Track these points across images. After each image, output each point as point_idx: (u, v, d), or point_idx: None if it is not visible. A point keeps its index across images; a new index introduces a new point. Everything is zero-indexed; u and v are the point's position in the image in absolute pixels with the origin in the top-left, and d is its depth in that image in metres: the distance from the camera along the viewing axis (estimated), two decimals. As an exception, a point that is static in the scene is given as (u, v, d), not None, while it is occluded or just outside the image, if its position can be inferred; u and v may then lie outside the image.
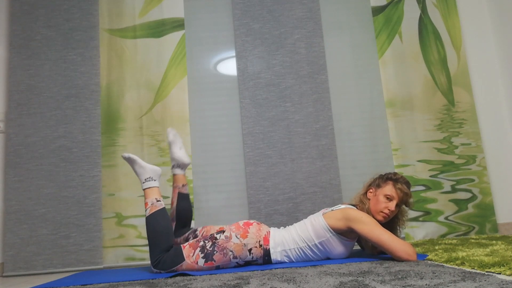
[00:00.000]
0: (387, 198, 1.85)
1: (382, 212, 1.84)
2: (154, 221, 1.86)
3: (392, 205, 1.84)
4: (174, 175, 2.20)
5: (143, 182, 1.96)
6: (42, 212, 2.48)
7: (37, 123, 2.59)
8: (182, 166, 2.18)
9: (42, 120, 2.59)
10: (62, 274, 2.29)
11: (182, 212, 2.14)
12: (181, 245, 1.83)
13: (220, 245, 1.80)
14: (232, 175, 2.69)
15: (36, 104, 2.61)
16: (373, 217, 1.84)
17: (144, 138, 2.63)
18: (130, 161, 1.99)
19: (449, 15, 2.91)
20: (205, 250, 1.79)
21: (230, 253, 1.79)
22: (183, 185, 2.16)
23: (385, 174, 1.95)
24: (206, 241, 1.83)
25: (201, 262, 1.78)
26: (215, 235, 1.85)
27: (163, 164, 2.58)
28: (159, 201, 1.92)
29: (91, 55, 2.69)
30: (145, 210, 1.91)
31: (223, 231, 1.86)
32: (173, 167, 2.19)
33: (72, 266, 2.43)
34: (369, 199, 1.92)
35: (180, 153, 2.17)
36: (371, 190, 1.93)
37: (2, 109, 2.63)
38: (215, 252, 1.79)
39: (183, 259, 1.78)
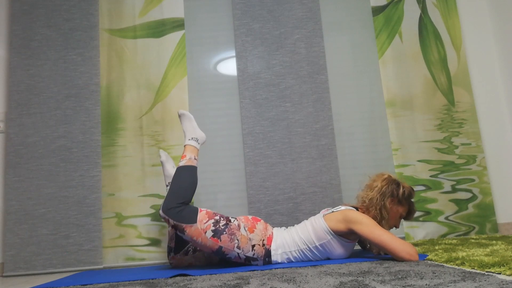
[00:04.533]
0: (401, 216, 1.93)
1: (394, 226, 1.93)
2: (186, 173, 1.94)
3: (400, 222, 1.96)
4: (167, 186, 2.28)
5: (189, 139, 2.05)
6: (42, 212, 2.48)
7: (37, 123, 2.58)
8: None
9: (42, 120, 2.59)
10: (62, 274, 2.29)
11: None
12: (199, 208, 1.87)
13: (231, 229, 1.83)
14: (232, 175, 2.69)
15: (36, 104, 2.60)
16: (383, 226, 1.82)
17: (144, 138, 2.63)
18: (185, 117, 2.10)
19: (449, 15, 2.91)
20: (217, 225, 1.82)
21: (236, 241, 1.81)
22: None
23: (405, 190, 1.88)
24: (222, 218, 1.86)
25: (209, 234, 1.80)
26: (230, 218, 1.88)
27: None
28: (196, 159, 2.01)
29: (91, 55, 2.69)
30: (181, 161, 1.99)
31: (236, 218, 1.90)
32: (167, 185, 2.27)
33: (72, 266, 2.43)
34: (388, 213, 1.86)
35: (173, 170, 2.25)
36: (391, 202, 1.88)
37: (2, 109, 2.63)
38: (224, 233, 1.81)
39: (195, 221, 1.81)
